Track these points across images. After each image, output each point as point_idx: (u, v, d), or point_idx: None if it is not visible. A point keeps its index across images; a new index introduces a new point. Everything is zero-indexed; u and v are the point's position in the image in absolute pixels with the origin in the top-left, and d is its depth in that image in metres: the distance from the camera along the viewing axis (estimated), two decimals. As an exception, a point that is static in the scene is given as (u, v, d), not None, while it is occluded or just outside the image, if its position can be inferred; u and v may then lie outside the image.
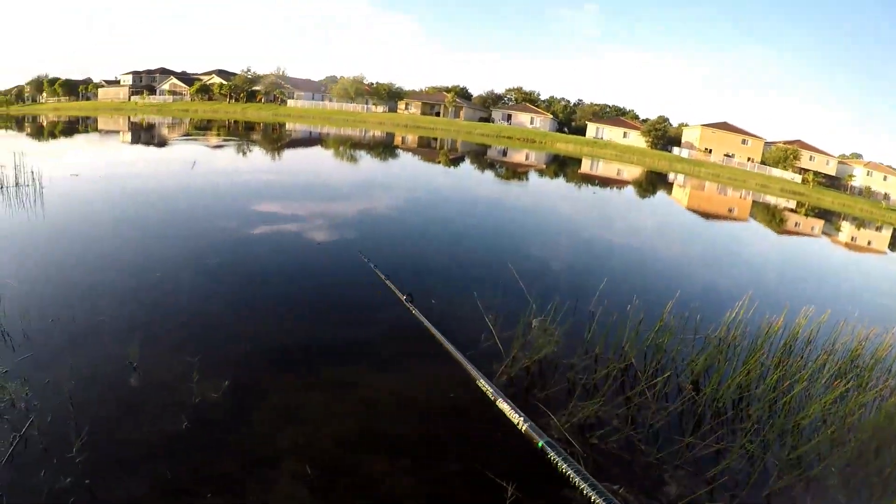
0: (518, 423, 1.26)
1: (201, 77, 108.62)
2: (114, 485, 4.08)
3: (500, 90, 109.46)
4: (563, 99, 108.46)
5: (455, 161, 36.44)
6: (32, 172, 15.94)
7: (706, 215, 24.86)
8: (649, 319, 6.91)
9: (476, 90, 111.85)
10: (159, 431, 4.70)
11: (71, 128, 52.43)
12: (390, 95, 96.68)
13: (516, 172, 32.79)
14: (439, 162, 34.26)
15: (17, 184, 15.23)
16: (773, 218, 28.73)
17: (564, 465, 1.05)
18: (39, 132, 45.62)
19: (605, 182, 34.18)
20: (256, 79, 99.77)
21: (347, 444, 4.74)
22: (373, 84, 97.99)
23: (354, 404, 5.38)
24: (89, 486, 3.99)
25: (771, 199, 40.16)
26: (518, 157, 47.42)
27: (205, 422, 4.86)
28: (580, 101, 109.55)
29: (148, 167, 21.57)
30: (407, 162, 33.38)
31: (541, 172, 35.80)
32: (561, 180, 32.46)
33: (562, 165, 44.44)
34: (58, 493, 3.89)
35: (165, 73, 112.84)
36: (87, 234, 11.19)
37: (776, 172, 71.71)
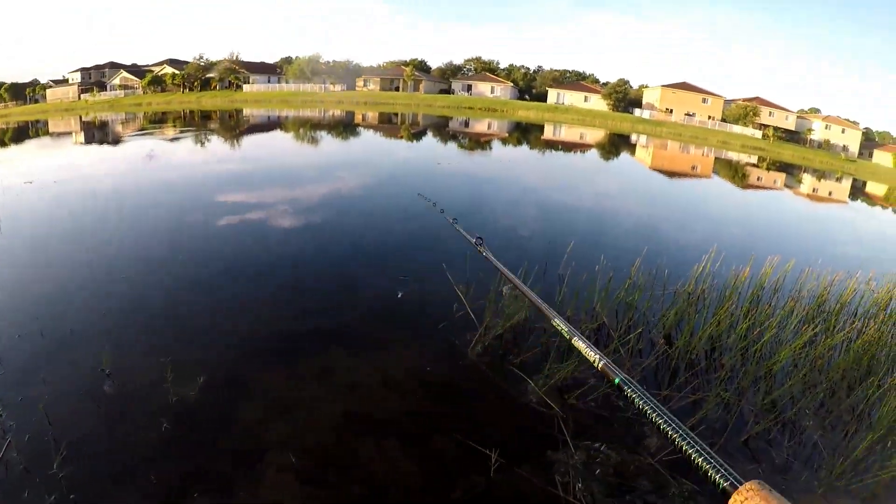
0: (595, 361, 1.28)
1: (153, 68, 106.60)
2: (99, 497, 4.02)
3: (458, 61, 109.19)
4: (522, 66, 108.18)
5: (417, 135, 36.29)
6: None
7: (670, 174, 25.08)
8: (619, 278, 6.97)
9: (435, 63, 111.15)
10: (140, 437, 4.64)
11: (20, 133, 51.21)
12: (348, 73, 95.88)
13: (479, 142, 32.74)
14: (401, 137, 34.10)
15: (-32, 195, 14.89)
16: (735, 173, 29.05)
17: (640, 401, 1.06)
18: (-16, 142, 44.71)
19: (568, 147, 34.29)
20: (210, 65, 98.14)
21: (333, 431, 4.72)
22: (330, 62, 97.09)
23: (336, 389, 5.35)
24: (74, 501, 3.93)
25: (733, 156, 40.62)
26: (480, 126, 47.30)
27: (185, 422, 4.81)
28: (540, 67, 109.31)
29: (105, 167, 21.19)
30: (367, 139, 33.17)
31: (504, 141, 35.82)
32: (524, 147, 32.52)
33: (524, 132, 44.52)
34: None
35: (115, 66, 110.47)
36: (47, 242, 10.95)
37: (737, 129, 72.63)
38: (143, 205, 13.75)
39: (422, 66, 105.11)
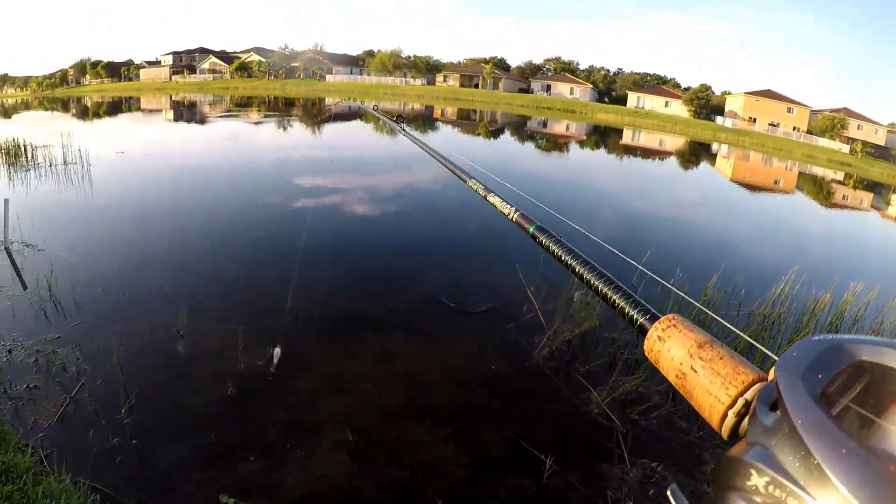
0: (509, 213, 1.32)
1: (240, 55, 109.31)
2: (160, 447, 4.23)
3: (538, 60, 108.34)
4: (602, 68, 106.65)
5: (495, 133, 36.32)
6: (80, 151, 16.37)
7: (751, 187, 24.41)
8: (692, 293, 6.83)
9: (514, 61, 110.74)
10: (205, 397, 4.87)
11: (115, 108, 53.38)
12: (428, 68, 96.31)
13: (557, 143, 32.57)
14: (479, 134, 34.13)
15: (65, 162, 15.68)
16: (820, 190, 28.02)
17: (555, 247, 1.07)
18: (84, 113, 46.60)
19: (647, 153, 33.78)
20: (294, 55, 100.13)
21: (389, 413, 4.83)
22: (410, 57, 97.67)
23: (396, 374, 5.47)
24: (136, 446, 4.15)
25: (818, 171, 39.12)
26: (558, 127, 47.02)
27: (249, 389, 5.02)
28: (620, 69, 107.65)
29: (191, 144, 21.90)
30: (447, 134, 33.30)
31: (582, 143, 35.50)
32: (602, 151, 32.16)
33: (603, 136, 44.02)
34: (106, 453, 4.06)
35: (205, 52, 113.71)
36: (134, 208, 11.48)
37: (822, 142, 69.30)
38: (224, 181, 14.22)
39: (501, 64, 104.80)
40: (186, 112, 45.29)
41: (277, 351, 6.39)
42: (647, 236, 11.56)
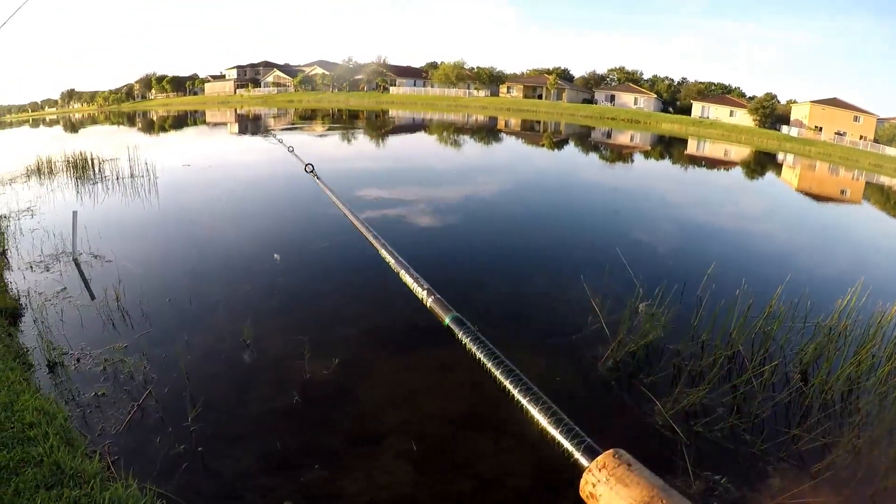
0: (422, 298, 1.15)
1: (304, 68, 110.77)
2: (226, 454, 4.43)
3: (601, 70, 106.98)
4: (666, 77, 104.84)
5: (559, 144, 36.21)
6: (146, 164, 17.07)
7: (817, 197, 23.81)
8: (758, 305, 6.77)
9: (578, 71, 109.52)
10: (270, 405, 5.09)
11: (180, 121, 54.89)
12: (491, 79, 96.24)
13: (621, 154, 32.30)
14: (543, 145, 34.13)
15: (132, 175, 16.35)
16: (887, 200, 27.10)
17: (473, 346, 0.96)
18: (151, 127, 48.15)
19: (712, 163, 33.21)
20: (358, 68, 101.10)
21: (452, 424, 4.96)
22: (474, 69, 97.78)
23: (459, 385, 5.60)
24: (202, 453, 4.37)
25: (885, 181, 37.86)
26: (623, 138, 46.51)
27: (314, 398, 5.22)
28: (684, 79, 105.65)
29: (255, 156, 22.39)
30: (510, 146, 33.39)
31: (646, 154, 35.09)
32: (667, 162, 31.78)
33: (667, 146, 43.36)
34: (172, 459, 4.28)
35: (269, 66, 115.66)
36: (200, 220, 11.95)
37: (890, 151, 66.73)
38: (287, 193, 14.61)
39: (564, 75, 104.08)
40: (251, 125, 46.29)
41: (277, 256, 6.63)
42: (713, 246, 11.51)
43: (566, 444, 0.82)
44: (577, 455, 0.79)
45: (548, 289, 8.28)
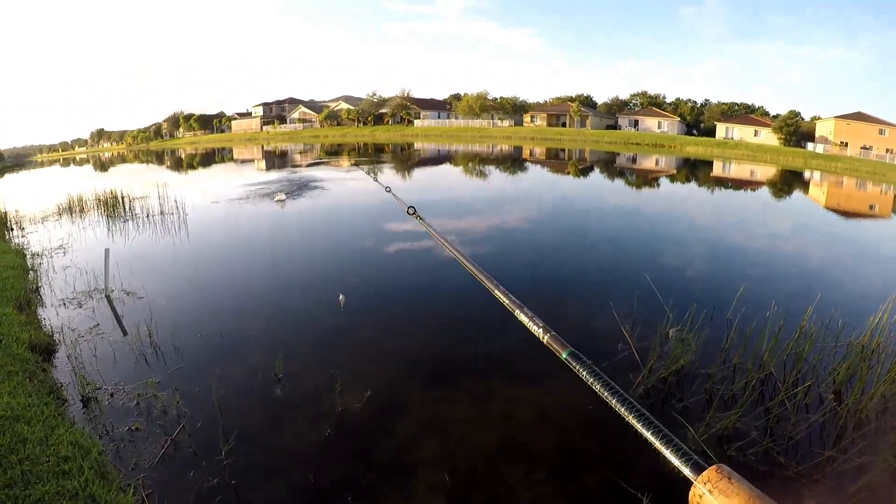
0: (539, 335, 1.23)
1: (329, 104, 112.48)
2: (259, 487, 4.50)
3: (624, 96, 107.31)
4: (689, 100, 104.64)
5: (584, 171, 36.21)
6: (176, 201, 17.50)
7: (846, 214, 23.50)
8: (789, 326, 6.75)
9: (600, 98, 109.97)
10: (303, 439, 5.15)
11: (208, 159, 55.84)
12: (515, 109, 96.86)
13: (647, 179, 32.22)
14: (568, 173, 34.16)
15: (161, 212, 16.74)
16: (918, 214, 26.84)
17: (591, 378, 1.03)
18: (179, 164, 49.02)
19: (738, 184, 32.98)
20: (382, 102, 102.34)
21: (486, 456, 4.96)
22: (497, 99, 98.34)
23: (491, 416, 5.61)
24: (235, 486, 4.44)
25: (913, 193, 37.45)
26: (648, 163, 46.45)
27: (347, 431, 5.27)
28: (707, 101, 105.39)
29: (282, 190, 22.64)
30: (536, 175, 33.43)
31: (672, 178, 34.90)
32: (693, 185, 31.63)
33: (693, 169, 43.15)
34: (205, 493, 4.35)
35: (294, 102, 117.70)
36: (231, 255, 12.16)
37: None
38: (317, 228, 14.78)
39: (587, 102, 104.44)
40: (277, 161, 46.82)
41: (342, 298, 6.74)
42: (742, 268, 11.42)
43: (676, 462, 0.91)
44: (686, 470, 0.88)
45: (577, 316, 8.30)
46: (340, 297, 7.63)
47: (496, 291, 1.69)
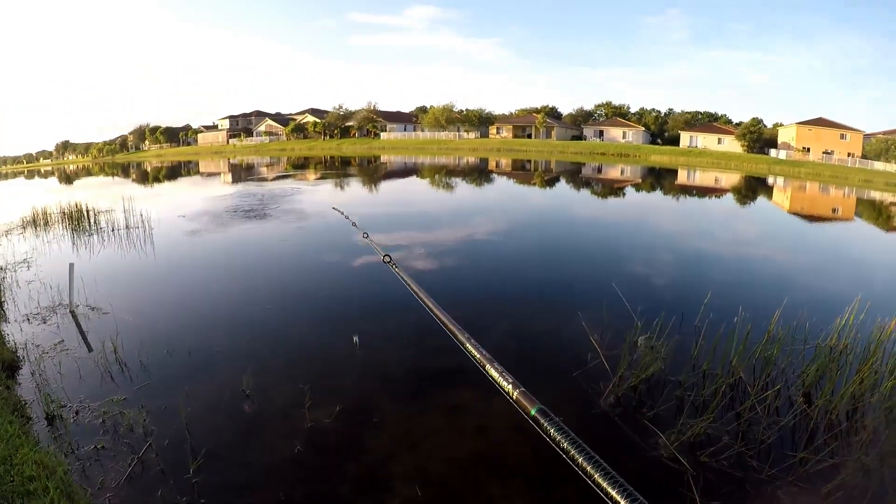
0: (508, 391, 1.22)
1: (295, 117, 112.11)
2: None
3: (589, 106, 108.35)
4: (653, 110, 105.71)
5: (550, 181, 36.36)
6: (141, 215, 17.29)
7: (810, 217, 23.83)
8: (757, 331, 6.78)
9: (566, 108, 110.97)
10: (273, 455, 5.05)
11: (174, 172, 55.39)
12: (481, 121, 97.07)
13: (613, 189, 32.47)
14: (534, 184, 34.28)
15: (127, 226, 16.52)
16: (879, 215, 27.12)
17: (559, 435, 1.04)
18: (145, 177, 48.54)
19: (703, 191, 33.32)
20: (349, 115, 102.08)
21: (460, 468, 4.91)
22: (463, 111, 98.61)
23: (465, 428, 5.56)
24: None
25: (876, 195, 37.91)
26: (613, 172, 46.77)
27: (318, 446, 5.18)
28: (671, 110, 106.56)
29: (250, 203, 22.50)
30: (503, 186, 33.54)
31: (637, 187, 35.18)
32: (658, 193, 31.93)
33: (658, 178, 43.55)
34: None
35: (260, 115, 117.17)
36: (197, 270, 12.00)
37: (879, 166, 66.43)
38: (285, 242, 14.59)
39: (553, 113, 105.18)
40: (244, 174, 46.48)
41: (356, 339, 6.69)
42: (709, 275, 11.51)
43: None
44: None
45: (546, 327, 8.26)
46: (355, 338, 7.48)
47: (467, 345, 1.67)
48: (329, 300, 9.66)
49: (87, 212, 18.54)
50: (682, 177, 45.88)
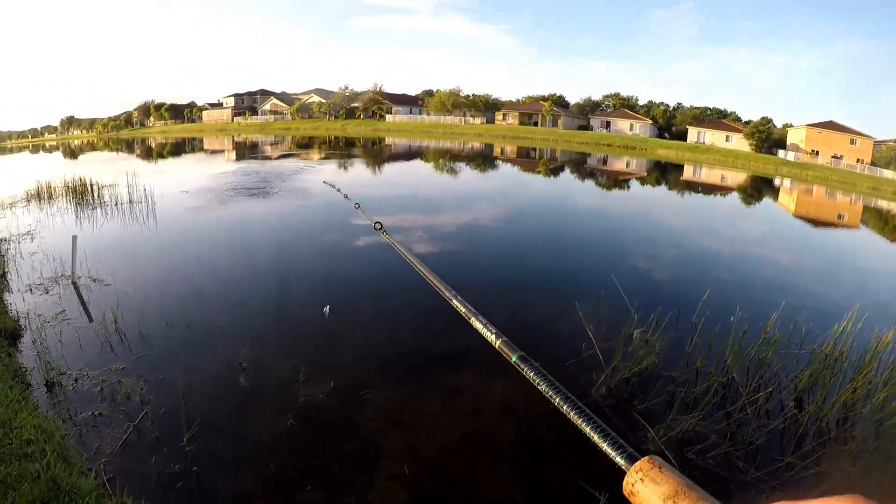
0: (492, 341, 1.29)
1: (300, 96, 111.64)
2: (221, 474, 4.48)
3: (597, 97, 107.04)
4: (662, 103, 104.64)
5: (555, 170, 36.30)
6: (145, 190, 17.26)
7: (815, 222, 23.76)
8: (753, 332, 6.74)
9: (573, 98, 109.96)
10: (266, 428, 5.13)
11: (178, 148, 55.48)
12: (487, 107, 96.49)
13: (617, 181, 32.35)
14: (539, 172, 34.20)
15: (130, 200, 16.46)
16: (885, 224, 27.11)
17: (537, 378, 1.09)
18: (149, 153, 48.56)
19: (708, 189, 33.18)
20: (354, 96, 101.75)
21: (450, 449, 4.95)
22: (469, 96, 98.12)
23: (458, 411, 5.59)
24: (197, 473, 4.42)
25: (883, 204, 37.74)
26: (619, 164, 46.62)
27: (310, 421, 5.25)
28: (679, 104, 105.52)
29: (253, 181, 22.49)
30: (506, 173, 33.49)
31: (642, 180, 35.07)
32: (663, 188, 31.82)
33: (663, 172, 43.38)
34: (167, 479, 4.33)
35: (266, 94, 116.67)
36: (199, 244, 12.05)
37: (888, 174, 65.99)
38: (286, 219, 14.65)
39: (560, 102, 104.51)
40: (248, 152, 46.45)
41: (327, 309, 6.70)
42: (709, 273, 11.49)
43: (612, 454, 0.96)
44: (621, 461, 0.92)
45: (545, 315, 8.27)
46: (326, 308, 7.50)
47: (454, 301, 1.73)
48: (327, 277, 9.74)
49: (91, 186, 18.61)
50: (688, 172, 45.64)
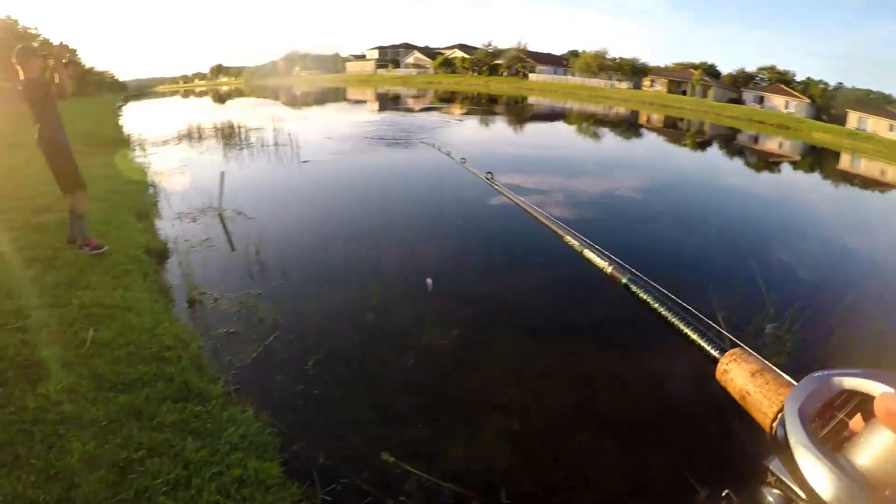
0: (603, 268, 1.37)
1: (443, 51, 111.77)
2: (339, 400, 4.80)
3: (751, 68, 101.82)
4: (821, 81, 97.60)
5: (702, 145, 35.19)
6: (289, 135, 18.05)
7: None
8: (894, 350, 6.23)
9: (725, 68, 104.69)
10: (387, 365, 5.45)
11: (322, 98, 56.85)
12: (634, 71, 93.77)
13: (768, 162, 30.84)
14: (685, 145, 33.27)
15: (276, 143, 17.24)
16: None
17: (646, 296, 1.16)
18: (294, 101, 50.09)
19: (869, 184, 30.64)
20: (498, 53, 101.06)
21: (559, 413, 5.04)
22: (616, 59, 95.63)
23: (575, 377, 5.69)
24: (317, 396, 4.77)
25: None
26: (771, 144, 44.06)
27: (430, 364, 5.53)
28: (840, 84, 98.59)
29: (394, 133, 22.95)
30: (653, 144, 32.72)
31: (794, 164, 33.18)
32: (817, 175, 30.01)
33: (819, 158, 40.72)
34: (289, 397, 4.71)
35: (409, 47, 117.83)
36: (339, 188, 12.66)
37: None
38: (426, 173, 14.90)
39: (711, 71, 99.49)
40: (390, 104, 47.21)
41: (430, 281, 6.92)
42: (859, 276, 10.50)
43: (704, 345, 1.05)
44: (714, 352, 1.01)
45: (694, 282, 8.29)
46: (428, 280, 7.72)
47: (566, 237, 1.86)
48: (469, 230, 10.09)
49: (238, 129, 19.58)
50: (846, 162, 42.40)
